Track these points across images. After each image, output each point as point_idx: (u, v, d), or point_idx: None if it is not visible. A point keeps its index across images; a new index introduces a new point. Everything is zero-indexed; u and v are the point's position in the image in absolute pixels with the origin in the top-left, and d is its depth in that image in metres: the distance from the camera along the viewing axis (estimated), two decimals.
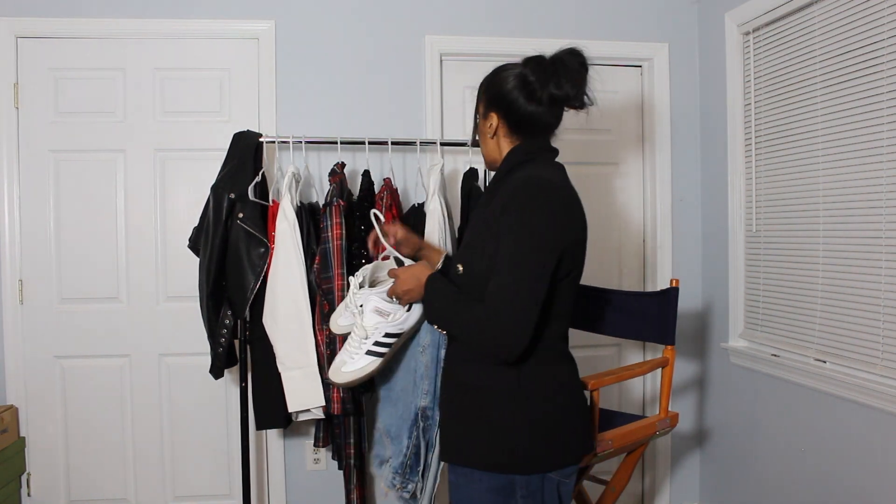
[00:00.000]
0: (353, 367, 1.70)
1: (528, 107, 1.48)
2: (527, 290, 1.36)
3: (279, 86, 2.67)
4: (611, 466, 2.48)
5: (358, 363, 1.71)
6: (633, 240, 2.96)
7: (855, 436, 2.05)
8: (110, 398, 2.66)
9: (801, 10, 2.25)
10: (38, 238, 2.62)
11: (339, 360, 1.72)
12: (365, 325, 1.69)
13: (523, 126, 1.51)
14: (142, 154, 2.65)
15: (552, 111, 1.50)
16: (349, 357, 1.71)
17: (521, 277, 1.36)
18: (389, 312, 1.69)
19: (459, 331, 1.46)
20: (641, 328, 2.20)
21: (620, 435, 1.98)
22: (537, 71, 1.47)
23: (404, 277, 1.61)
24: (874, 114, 1.97)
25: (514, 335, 1.36)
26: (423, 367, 1.83)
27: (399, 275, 1.63)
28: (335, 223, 2.15)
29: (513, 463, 1.43)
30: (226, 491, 2.73)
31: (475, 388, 1.48)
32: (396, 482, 1.86)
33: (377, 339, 1.70)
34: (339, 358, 1.73)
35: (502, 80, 1.51)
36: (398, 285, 1.63)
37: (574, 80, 1.46)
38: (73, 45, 2.61)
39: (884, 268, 1.95)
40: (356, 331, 1.71)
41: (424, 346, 1.83)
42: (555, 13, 2.80)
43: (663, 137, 2.88)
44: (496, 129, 1.54)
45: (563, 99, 1.48)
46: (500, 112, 1.52)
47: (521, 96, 1.48)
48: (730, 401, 2.69)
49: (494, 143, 1.56)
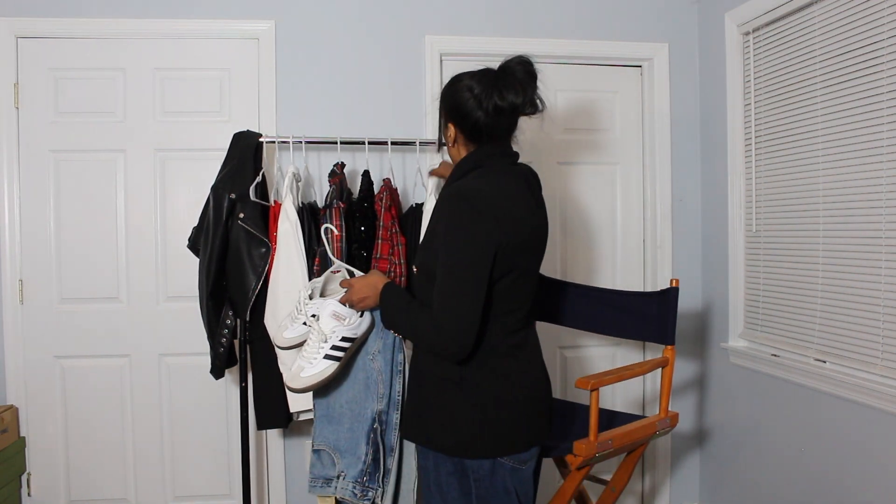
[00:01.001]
0: (312, 371, 1.75)
1: (476, 116, 1.56)
2: (461, 297, 1.46)
3: (279, 86, 2.67)
4: (611, 466, 2.48)
5: (317, 367, 1.75)
6: (633, 240, 2.96)
7: (855, 436, 2.05)
8: (110, 398, 2.66)
9: (801, 10, 2.25)
10: (38, 238, 2.61)
11: (296, 366, 1.76)
12: (323, 329, 1.75)
13: (477, 134, 1.59)
14: (142, 154, 2.65)
15: (500, 119, 1.57)
16: (307, 363, 1.75)
17: (455, 286, 1.46)
18: (346, 316, 1.77)
19: (412, 335, 1.59)
20: (641, 328, 2.20)
21: (620, 435, 1.98)
22: (482, 82, 1.56)
23: (359, 286, 1.73)
24: (874, 114, 1.97)
25: (457, 340, 1.46)
26: (376, 373, 1.89)
27: (353, 284, 1.75)
28: (335, 225, 2.15)
29: (462, 447, 1.54)
30: (226, 491, 2.73)
31: (430, 375, 1.59)
32: (357, 491, 1.88)
33: (334, 343, 1.76)
34: (297, 364, 1.76)
35: (455, 92, 1.59)
36: (353, 293, 1.74)
37: (519, 88, 1.54)
38: (73, 45, 2.61)
39: (884, 268, 1.95)
40: (313, 336, 1.77)
41: (374, 353, 1.89)
42: (555, 13, 2.80)
43: (663, 137, 2.88)
44: (455, 138, 1.63)
45: (507, 108, 1.55)
46: (455, 122, 1.61)
47: (471, 107, 1.56)
48: (730, 401, 2.69)
49: (456, 151, 1.65)
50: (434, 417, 1.57)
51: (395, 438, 1.93)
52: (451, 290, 1.46)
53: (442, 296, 1.47)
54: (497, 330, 1.55)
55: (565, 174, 2.88)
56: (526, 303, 1.61)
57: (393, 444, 1.93)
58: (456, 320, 1.45)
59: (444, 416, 1.55)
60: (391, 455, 1.92)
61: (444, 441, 1.55)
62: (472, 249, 1.46)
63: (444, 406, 1.56)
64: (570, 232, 2.89)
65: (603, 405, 2.48)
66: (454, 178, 1.60)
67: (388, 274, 2.18)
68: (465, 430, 1.53)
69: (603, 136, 2.91)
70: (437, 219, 1.54)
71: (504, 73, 1.55)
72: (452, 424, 1.54)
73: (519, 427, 1.56)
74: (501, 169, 1.58)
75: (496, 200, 1.50)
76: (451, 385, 1.55)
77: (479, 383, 1.54)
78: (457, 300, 1.45)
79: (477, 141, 1.59)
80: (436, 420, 1.57)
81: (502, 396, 1.55)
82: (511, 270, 1.52)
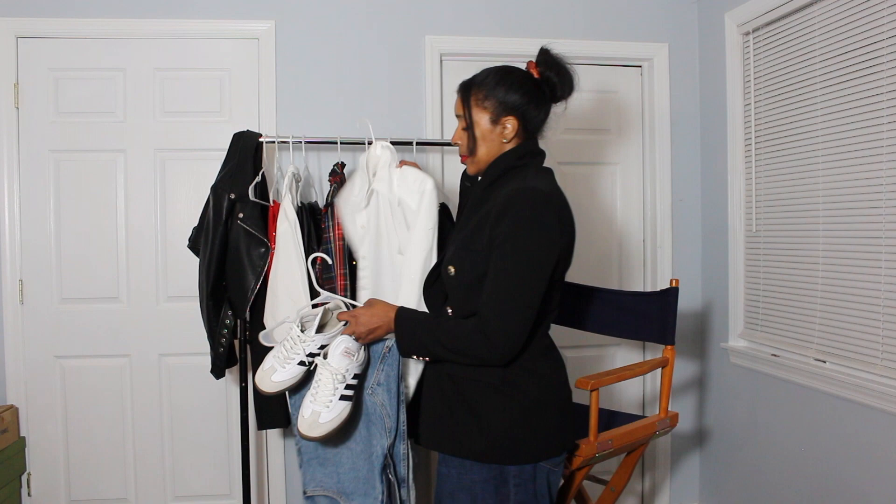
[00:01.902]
0: (331, 415, 1.64)
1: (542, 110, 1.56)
2: (523, 302, 1.42)
3: (279, 86, 2.67)
4: (611, 466, 2.48)
5: (334, 410, 1.65)
6: (633, 240, 2.96)
7: (855, 436, 2.05)
8: (110, 398, 2.66)
9: (801, 10, 2.25)
10: (38, 238, 2.62)
11: (311, 412, 1.64)
12: (338, 369, 1.64)
13: (533, 130, 1.57)
14: (142, 154, 2.65)
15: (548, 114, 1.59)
16: (324, 407, 1.64)
17: (518, 290, 1.41)
18: (354, 352, 1.67)
19: (448, 351, 1.49)
20: (641, 328, 2.20)
21: (620, 435, 1.98)
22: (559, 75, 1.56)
23: (366, 318, 1.62)
24: (874, 114, 1.97)
25: (508, 344, 1.43)
26: (379, 406, 1.79)
27: (357, 316, 1.63)
28: (336, 223, 2.15)
29: (504, 453, 1.48)
30: (226, 491, 2.73)
31: (465, 380, 1.53)
32: None
33: (348, 382, 1.67)
34: (311, 410, 1.64)
35: (523, 83, 1.54)
36: (359, 326, 1.62)
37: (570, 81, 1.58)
38: (73, 45, 2.61)
39: (884, 268, 1.95)
40: (326, 378, 1.64)
41: (373, 387, 1.80)
42: (555, 13, 2.80)
43: (663, 137, 2.88)
44: (514, 134, 1.55)
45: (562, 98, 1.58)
46: (517, 116, 1.54)
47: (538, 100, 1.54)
48: (730, 401, 2.69)
49: (498, 147, 1.56)
50: (466, 423, 1.51)
51: (404, 469, 1.84)
52: (513, 294, 1.41)
53: (499, 300, 1.41)
54: (538, 332, 1.54)
55: (565, 174, 2.88)
56: (558, 304, 1.60)
57: (404, 475, 1.85)
58: (511, 324, 1.41)
59: (480, 422, 1.50)
60: (404, 486, 1.85)
61: (480, 447, 1.49)
62: (543, 253, 1.43)
63: (481, 411, 1.50)
64: None
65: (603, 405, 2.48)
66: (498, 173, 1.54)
67: None
68: (506, 435, 1.48)
69: (603, 136, 2.91)
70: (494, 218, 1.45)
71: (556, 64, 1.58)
72: (491, 429, 1.49)
73: (558, 429, 1.54)
74: (543, 169, 1.57)
75: (562, 203, 1.50)
76: (490, 389, 1.50)
77: (521, 386, 1.50)
78: (517, 303, 1.41)
79: (527, 137, 1.57)
80: (469, 426, 1.51)
81: (542, 398, 1.52)
82: (559, 273, 1.52)
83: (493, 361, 1.46)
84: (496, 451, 1.49)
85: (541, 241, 1.42)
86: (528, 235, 1.41)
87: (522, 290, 1.41)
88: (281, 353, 1.71)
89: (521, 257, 1.41)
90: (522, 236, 1.41)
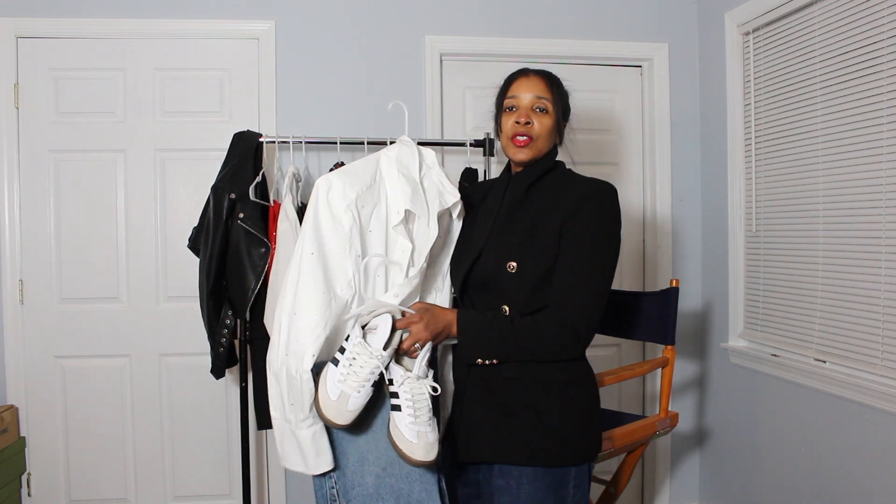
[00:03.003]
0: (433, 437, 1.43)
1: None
2: (601, 291, 1.47)
3: (279, 86, 2.67)
4: (611, 466, 2.48)
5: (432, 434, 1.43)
6: (633, 240, 2.96)
7: (855, 436, 2.05)
8: (110, 398, 2.66)
9: (801, 10, 2.25)
10: (38, 238, 2.61)
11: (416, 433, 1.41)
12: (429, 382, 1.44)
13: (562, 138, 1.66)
14: (142, 154, 2.65)
15: None
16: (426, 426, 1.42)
17: (597, 280, 1.47)
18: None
19: (522, 350, 1.45)
20: (641, 328, 2.20)
21: (620, 435, 1.98)
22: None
23: (426, 323, 1.45)
24: (874, 114, 1.97)
25: (589, 335, 1.47)
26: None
27: (416, 321, 1.45)
28: None
29: (570, 454, 1.48)
30: (226, 491, 2.73)
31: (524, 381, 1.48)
32: None
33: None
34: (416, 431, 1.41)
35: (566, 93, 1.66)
36: (423, 331, 1.45)
37: None
38: (73, 45, 2.61)
39: (884, 268, 1.95)
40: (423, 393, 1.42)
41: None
42: (555, 13, 2.80)
43: (663, 137, 2.88)
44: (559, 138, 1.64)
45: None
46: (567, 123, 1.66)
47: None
48: (730, 401, 2.69)
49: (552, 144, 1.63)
50: (529, 426, 1.46)
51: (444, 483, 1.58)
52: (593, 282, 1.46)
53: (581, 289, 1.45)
54: None
55: None
56: None
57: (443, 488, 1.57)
58: (592, 313, 1.45)
59: (543, 423, 1.46)
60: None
61: (547, 450, 1.45)
62: (616, 245, 1.50)
63: (545, 411, 1.46)
64: None
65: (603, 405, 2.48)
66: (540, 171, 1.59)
67: None
68: (575, 435, 1.47)
69: (603, 136, 2.91)
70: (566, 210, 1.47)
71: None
72: (556, 430, 1.45)
73: (601, 425, 1.57)
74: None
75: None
76: (554, 388, 1.47)
77: (583, 384, 1.53)
78: (596, 293, 1.46)
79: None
80: (533, 428, 1.46)
81: (593, 395, 1.55)
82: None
83: (575, 353, 1.47)
84: (563, 452, 1.46)
85: (615, 233, 1.50)
86: (607, 227, 1.49)
87: (600, 280, 1.47)
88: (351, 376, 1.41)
89: (601, 248, 1.47)
90: (603, 228, 1.49)
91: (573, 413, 1.49)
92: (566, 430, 1.47)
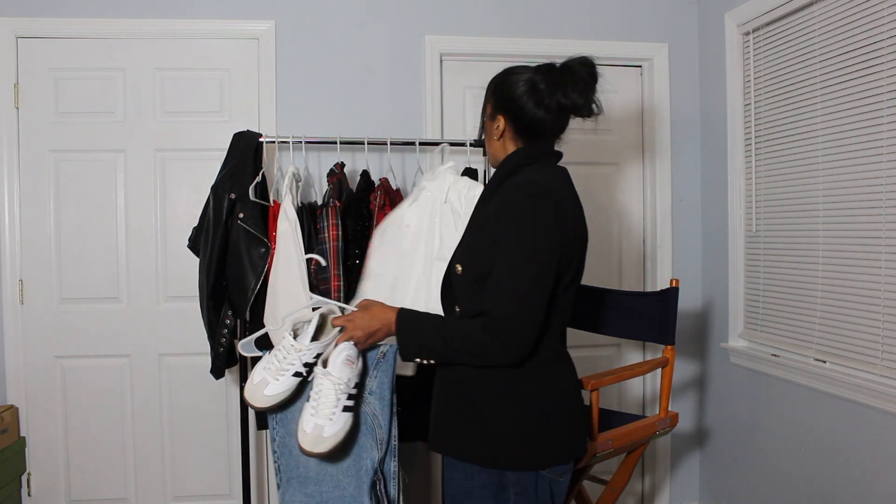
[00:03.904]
0: (335, 428, 1.54)
1: (535, 112, 1.50)
2: (530, 296, 1.39)
3: (279, 86, 2.66)
4: (611, 466, 2.48)
5: (338, 423, 1.54)
6: (633, 240, 2.96)
7: (855, 436, 2.05)
8: (110, 398, 2.66)
9: (801, 10, 2.25)
10: (38, 238, 2.61)
11: (313, 426, 1.52)
12: (340, 378, 1.54)
13: (529, 130, 1.53)
14: (142, 154, 2.65)
15: (559, 118, 1.53)
16: (327, 420, 1.53)
17: (524, 284, 1.38)
18: (355, 360, 1.57)
19: (455, 351, 1.45)
20: (641, 328, 2.20)
21: (620, 435, 1.98)
22: (547, 78, 1.49)
23: (364, 321, 1.55)
24: (874, 114, 1.97)
25: (519, 342, 1.40)
26: (371, 416, 1.67)
27: (353, 319, 1.56)
28: (332, 224, 2.14)
29: (504, 459, 1.46)
30: (226, 491, 2.73)
31: (473, 384, 1.49)
32: None
33: (349, 392, 1.57)
34: (314, 424, 1.53)
35: (512, 84, 1.52)
36: (356, 330, 1.55)
37: (582, 89, 1.48)
38: (73, 45, 2.61)
39: (884, 268, 1.95)
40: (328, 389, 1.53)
41: (365, 396, 1.68)
42: (555, 13, 2.80)
43: (663, 137, 2.88)
44: (503, 132, 1.55)
45: (570, 107, 1.50)
46: (507, 115, 1.53)
47: (530, 102, 1.49)
48: (730, 401, 2.69)
49: (500, 145, 1.57)
50: (471, 427, 1.49)
51: (394, 489, 1.70)
52: (520, 290, 1.38)
53: (507, 296, 1.38)
54: (549, 335, 1.49)
55: None
56: (571, 308, 1.56)
57: (395, 497, 1.70)
58: (520, 323, 1.38)
59: (486, 426, 1.47)
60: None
61: (482, 452, 1.47)
62: (544, 248, 1.39)
63: (485, 415, 1.47)
64: None
65: (603, 405, 2.48)
66: (504, 172, 1.53)
67: None
68: (508, 441, 1.46)
69: (603, 136, 2.91)
70: (494, 215, 1.45)
71: (570, 71, 1.49)
72: (494, 435, 1.46)
73: (563, 437, 1.50)
74: (553, 167, 1.55)
75: (561, 198, 1.47)
76: (498, 394, 1.47)
77: (528, 392, 1.46)
78: (525, 301, 1.38)
79: (526, 137, 1.53)
80: (473, 430, 1.48)
81: (549, 406, 1.48)
82: (568, 272, 1.47)
83: (503, 361, 1.42)
84: (497, 455, 1.46)
85: (537, 235, 1.40)
86: (524, 230, 1.40)
87: (526, 286, 1.38)
88: (273, 364, 1.59)
89: (521, 252, 1.39)
90: (519, 231, 1.40)
91: (515, 421, 1.46)
92: (503, 436, 1.46)
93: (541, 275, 1.40)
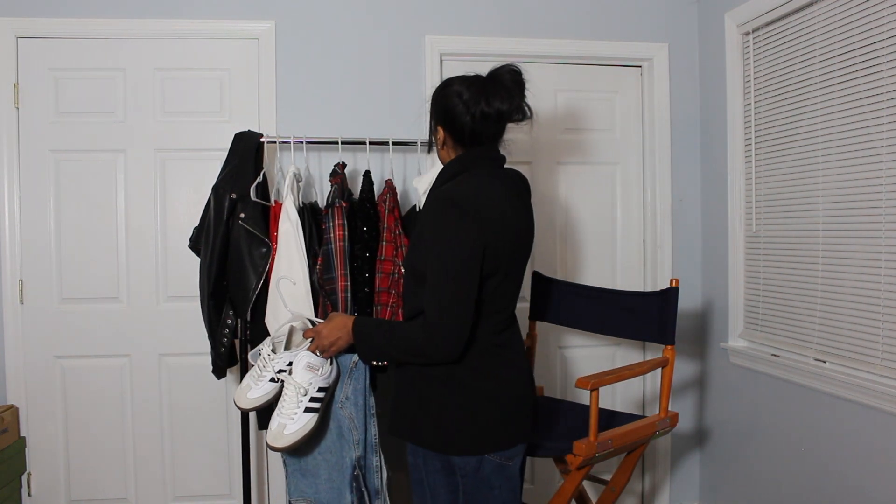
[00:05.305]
0: (295, 427, 1.75)
1: (464, 121, 1.58)
2: (453, 298, 1.48)
3: (279, 86, 2.66)
4: (611, 466, 2.48)
5: (299, 422, 1.75)
6: (633, 240, 2.96)
7: (855, 436, 2.05)
8: (110, 398, 2.66)
9: (801, 10, 2.25)
10: (38, 238, 2.61)
11: (277, 424, 1.75)
12: (300, 383, 1.75)
13: (465, 139, 1.61)
14: (142, 154, 2.65)
15: (489, 125, 1.59)
16: (288, 419, 1.75)
17: (447, 288, 1.48)
18: (318, 367, 1.78)
19: (402, 352, 1.58)
20: (641, 328, 2.20)
21: (620, 435, 1.98)
22: (471, 88, 1.57)
23: (327, 331, 1.73)
24: (874, 114, 1.97)
25: (450, 342, 1.50)
26: (348, 420, 1.90)
27: (320, 331, 1.74)
28: (338, 224, 2.15)
29: (449, 444, 1.56)
30: (226, 491, 2.73)
31: (418, 374, 1.61)
32: None
33: (312, 395, 1.77)
34: (277, 422, 1.75)
35: (445, 96, 1.62)
36: (322, 339, 1.73)
37: (505, 96, 1.57)
38: (73, 45, 2.61)
39: (884, 268, 1.95)
40: (290, 391, 1.76)
41: (342, 401, 1.90)
42: (555, 13, 2.80)
43: (663, 137, 2.88)
44: (444, 141, 1.65)
45: (494, 115, 1.58)
46: (444, 126, 1.63)
47: (459, 112, 1.58)
48: (730, 401, 2.69)
49: (445, 153, 1.67)
50: (422, 415, 1.60)
51: (377, 481, 1.96)
52: (444, 292, 1.48)
53: (434, 299, 1.49)
54: (484, 329, 1.57)
55: (565, 174, 2.88)
56: (511, 303, 1.65)
57: (377, 487, 1.96)
58: (449, 322, 1.48)
59: (432, 414, 1.58)
60: (377, 498, 1.96)
61: (432, 438, 1.58)
62: (462, 251, 1.48)
63: (432, 404, 1.58)
64: (569, 232, 2.89)
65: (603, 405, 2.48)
66: (441, 180, 1.63)
67: (392, 275, 2.18)
68: (451, 428, 1.56)
69: (603, 136, 2.91)
70: (423, 222, 1.57)
71: (493, 79, 1.58)
72: (440, 422, 1.57)
73: (504, 424, 1.58)
74: (488, 173, 1.61)
75: (482, 203, 1.52)
76: (438, 383, 1.57)
77: (466, 381, 1.56)
78: (449, 302, 1.48)
79: (464, 145, 1.62)
80: (424, 418, 1.59)
81: (488, 394, 1.57)
82: (497, 271, 1.55)
83: (439, 358, 1.52)
84: (443, 441, 1.57)
85: (454, 240, 1.48)
86: (443, 236, 1.49)
87: (449, 289, 1.48)
88: (255, 372, 1.84)
89: (443, 258, 1.49)
90: (439, 237, 1.50)
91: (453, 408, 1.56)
92: (446, 422, 1.56)
93: (460, 277, 1.48)
